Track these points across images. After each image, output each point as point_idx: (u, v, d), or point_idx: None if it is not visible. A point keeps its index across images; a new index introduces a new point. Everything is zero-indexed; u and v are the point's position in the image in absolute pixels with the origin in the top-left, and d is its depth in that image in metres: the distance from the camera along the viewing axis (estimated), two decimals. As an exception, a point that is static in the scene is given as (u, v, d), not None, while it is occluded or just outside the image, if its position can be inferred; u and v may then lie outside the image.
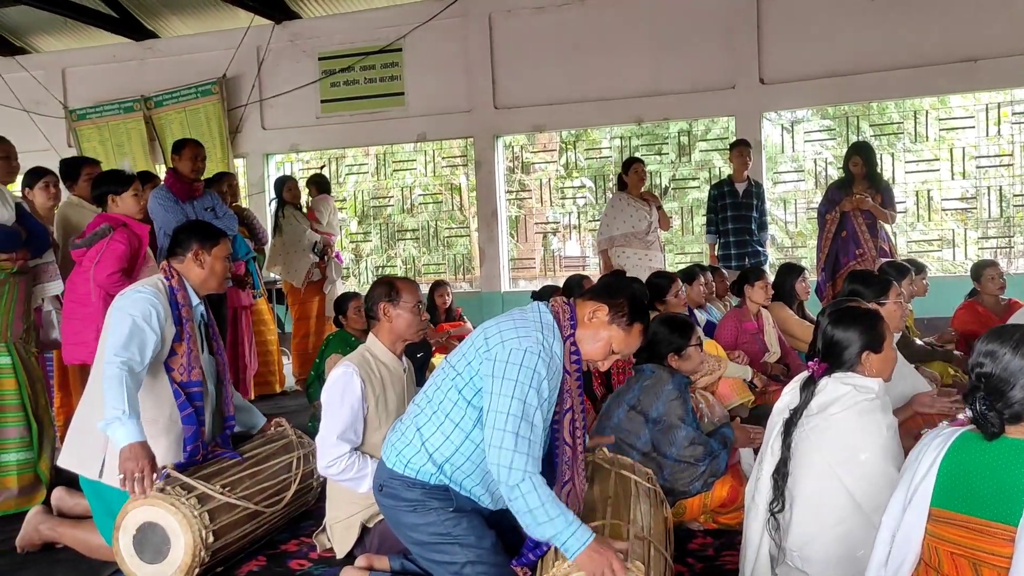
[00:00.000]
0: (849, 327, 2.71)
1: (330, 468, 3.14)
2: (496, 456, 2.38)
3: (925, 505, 2.05)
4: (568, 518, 2.33)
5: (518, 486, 2.35)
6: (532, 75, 8.92)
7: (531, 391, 2.40)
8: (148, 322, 3.14)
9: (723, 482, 3.49)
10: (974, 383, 2.05)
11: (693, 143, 10.99)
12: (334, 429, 3.13)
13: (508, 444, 2.37)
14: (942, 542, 2.02)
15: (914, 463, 2.12)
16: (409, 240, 12.81)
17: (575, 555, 2.29)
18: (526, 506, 2.34)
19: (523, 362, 2.41)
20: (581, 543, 2.29)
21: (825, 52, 8.03)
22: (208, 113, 9.82)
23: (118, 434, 2.95)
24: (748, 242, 7.29)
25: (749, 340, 5.26)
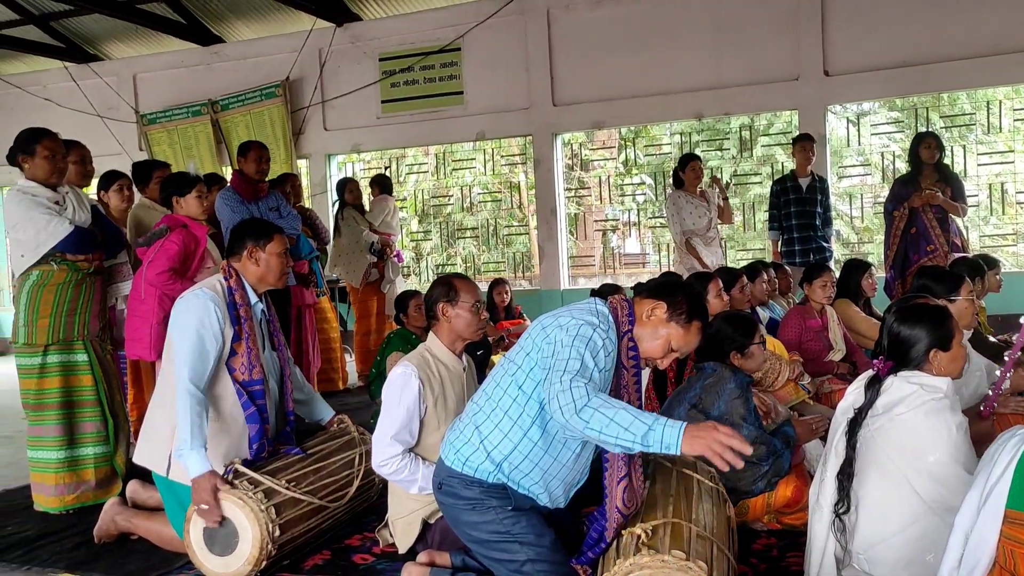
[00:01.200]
0: (916, 324, 2.64)
1: (383, 467, 3.18)
2: (558, 396, 2.29)
3: (1000, 507, 2.00)
4: (651, 415, 2.21)
5: (587, 405, 2.23)
6: (591, 71, 8.87)
7: (587, 353, 2.40)
8: (209, 330, 3.22)
9: (787, 482, 3.43)
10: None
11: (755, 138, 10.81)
12: (389, 429, 3.16)
13: (567, 377, 2.31)
14: (1018, 545, 1.97)
15: (989, 464, 2.06)
16: (469, 238, 12.88)
17: (679, 444, 2.14)
18: (605, 418, 2.20)
19: (578, 332, 2.43)
20: (677, 430, 2.16)
21: (893, 41, 7.80)
22: (272, 115, 10.03)
23: (187, 464, 3.08)
24: (812, 238, 7.15)
25: (813, 338, 5.15)
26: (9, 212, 4.15)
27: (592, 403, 2.24)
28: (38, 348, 4.18)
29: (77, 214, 4.24)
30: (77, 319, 4.25)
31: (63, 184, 4.27)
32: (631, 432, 2.18)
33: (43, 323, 4.16)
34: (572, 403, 2.25)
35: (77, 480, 4.23)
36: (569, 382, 2.30)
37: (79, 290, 4.25)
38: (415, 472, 3.16)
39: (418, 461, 3.18)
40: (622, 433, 2.18)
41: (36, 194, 4.13)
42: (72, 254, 4.20)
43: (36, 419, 4.23)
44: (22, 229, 4.11)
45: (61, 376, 4.21)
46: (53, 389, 4.20)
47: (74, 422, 4.24)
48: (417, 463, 3.17)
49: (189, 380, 3.14)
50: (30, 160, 4.13)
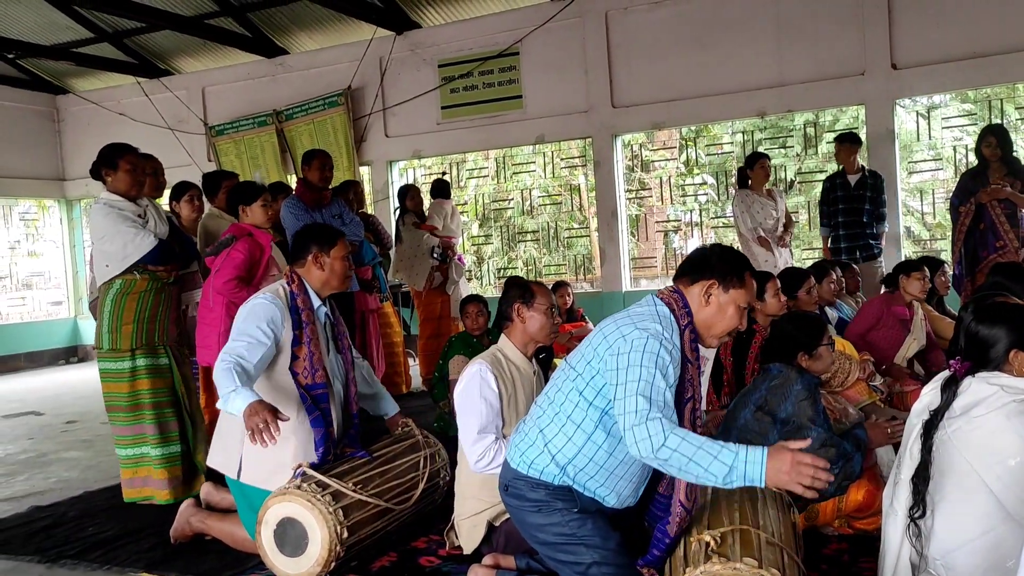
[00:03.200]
0: (995, 323, 2.55)
1: (480, 462, 3.13)
2: (632, 433, 2.30)
3: None
4: (731, 448, 2.21)
5: (664, 445, 2.25)
6: (650, 72, 8.81)
7: (656, 373, 2.37)
8: (266, 327, 3.29)
9: (858, 486, 3.35)
10: None
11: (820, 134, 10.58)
12: (475, 425, 3.15)
13: (642, 408, 2.30)
14: None
15: None
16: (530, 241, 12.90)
17: (762, 478, 2.15)
18: (684, 458, 2.22)
19: (646, 348, 2.39)
20: (759, 463, 2.16)
21: (963, 31, 7.56)
22: (335, 123, 10.20)
23: (235, 405, 3.03)
24: (860, 235, 7.01)
25: (893, 323, 4.96)
26: (97, 224, 4.34)
27: (670, 442, 2.25)
28: (124, 353, 4.38)
29: (158, 227, 4.43)
30: (158, 325, 4.45)
31: (143, 197, 4.44)
32: (711, 473, 2.20)
33: (127, 329, 4.36)
34: (648, 439, 2.26)
35: (175, 475, 4.43)
36: (645, 415, 2.29)
37: (159, 298, 4.44)
38: None
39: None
40: (702, 474, 2.22)
41: (122, 208, 4.32)
42: (153, 265, 4.36)
43: (133, 419, 4.41)
44: (110, 241, 4.30)
45: (150, 378, 4.42)
46: (146, 390, 4.41)
47: (162, 422, 4.44)
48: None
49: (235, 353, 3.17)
50: (113, 174, 4.32)
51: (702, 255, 2.61)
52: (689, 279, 2.58)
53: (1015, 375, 2.52)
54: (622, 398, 2.37)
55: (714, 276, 2.54)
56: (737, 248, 6.81)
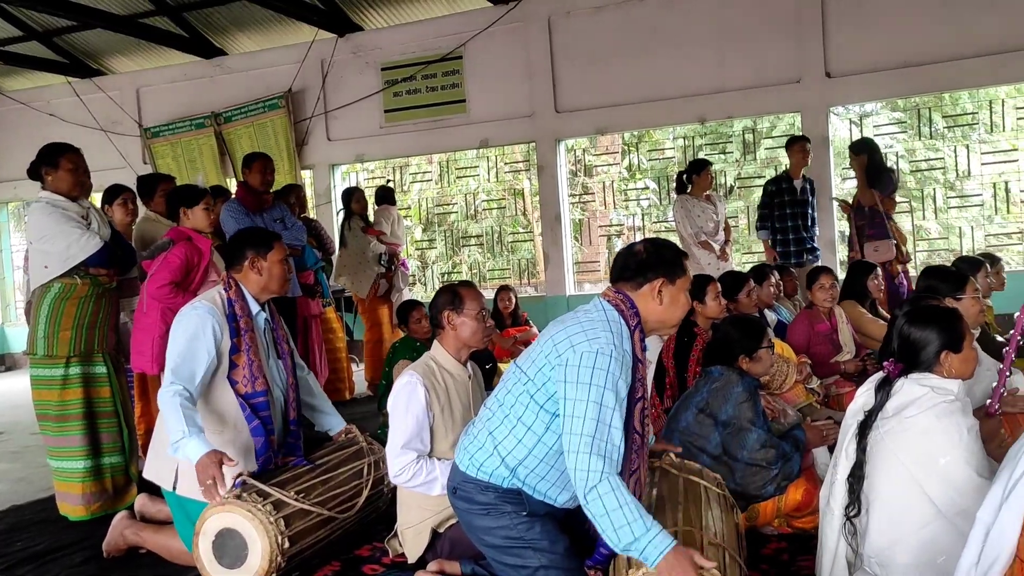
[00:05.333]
0: (927, 326, 2.63)
1: (399, 476, 3.18)
2: (574, 460, 2.35)
3: (1022, 504, 1.98)
4: (647, 523, 2.26)
5: (595, 488, 2.30)
6: (593, 77, 8.88)
7: (607, 392, 2.38)
8: (203, 341, 3.21)
9: (797, 485, 3.42)
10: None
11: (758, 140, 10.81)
12: (400, 439, 3.16)
13: (584, 447, 2.34)
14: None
15: (1013, 459, 2.05)
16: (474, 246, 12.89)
17: (655, 563, 2.22)
18: (603, 509, 2.28)
19: (596, 364, 2.39)
20: (660, 550, 2.22)
21: (894, 42, 7.79)
22: (275, 127, 10.06)
23: (188, 453, 3.03)
24: (805, 238, 7.19)
25: (822, 341, 5.14)
26: (37, 223, 4.19)
27: (601, 488, 2.30)
28: (59, 360, 4.23)
29: (101, 229, 4.29)
30: (97, 332, 4.32)
31: (83, 198, 4.32)
32: (617, 535, 2.27)
33: (65, 335, 4.21)
34: (586, 477, 2.33)
35: (100, 489, 4.29)
36: (590, 449, 2.34)
37: (99, 304, 4.31)
38: (432, 471, 3.15)
39: (434, 461, 3.17)
40: (609, 532, 2.28)
41: (65, 207, 4.19)
42: (95, 268, 4.24)
43: (59, 430, 4.27)
44: (51, 241, 4.15)
45: (83, 387, 4.28)
46: (76, 400, 4.26)
47: (95, 432, 4.30)
48: (433, 462, 3.17)
49: (176, 383, 3.12)
50: (54, 173, 4.19)
51: (639, 258, 2.60)
52: (635, 283, 2.58)
53: (945, 376, 2.60)
54: (570, 420, 2.38)
55: (661, 275, 2.55)
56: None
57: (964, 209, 11.00)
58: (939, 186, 11.28)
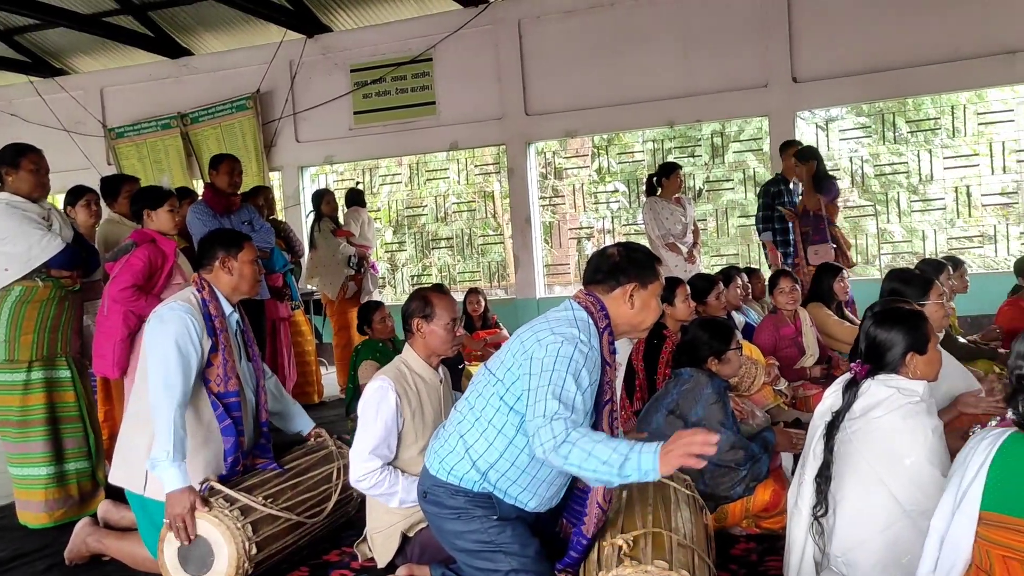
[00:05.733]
0: (893, 328, 2.67)
1: (361, 482, 3.14)
2: (538, 432, 2.31)
3: (975, 509, 2.01)
4: (627, 444, 2.23)
5: (566, 441, 2.27)
6: (563, 80, 8.91)
7: (568, 376, 2.38)
8: (188, 343, 3.17)
9: (765, 486, 3.45)
10: (1016, 385, 2.00)
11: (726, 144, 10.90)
12: (367, 444, 3.13)
13: (549, 411, 2.32)
14: (994, 546, 1.98)
15: (962, 466, 2.08)
16: (444, 248, 12.85)
17: (656, 465, 2.18)
18: (583, 453, 2.24)
19: (559, 352, 2.40)
20: (653, 453, 2.19)
21: (859, 48, 7.91)
22: (243, 128, 9.96)
23: (164, 478, 3.00)
24: None
25: (787, 345, 5.20)
26: None
27: (571, 437, 2.26)
28: (21, 364, 4.14)
29: (63, 231, 4.21)
30: (60, 335, 4.23)
31: (44, 199, 4.24)
32: (608, 465, 2.22)
33: (26, 339, 4.13)
34: (552, 439, 2.28)
35: (64, 495, 4.20)
36: (551, 416, 2.31)
37: (62, 307, 4.23)
38: (394, 485, 3.13)
39: (397, 474, 3.15)
40: (600, 467, 2.23)
41: (26, 209, 4.11)
42: (57, 270, 4.16)
43: (20, 436, 4.17)
44: (12, 243, 4.06)
45: (45, 392, 4.18)
46: (38, 405, 4.17)
47: (59, 438, 4.21)
48: (396, 476, 3.15)
49: (172, 392, 3.07)
50: (15, 173, 4.12)
51: (612, 262, 2.61)
52: (607, 287, 2.59)
53: (911, 378, 2.63)
54: (532, 403, 2.38)
55: (634, 279, 2.56)
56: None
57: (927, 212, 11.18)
58: (903, 190, 11.46)
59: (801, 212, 6.96)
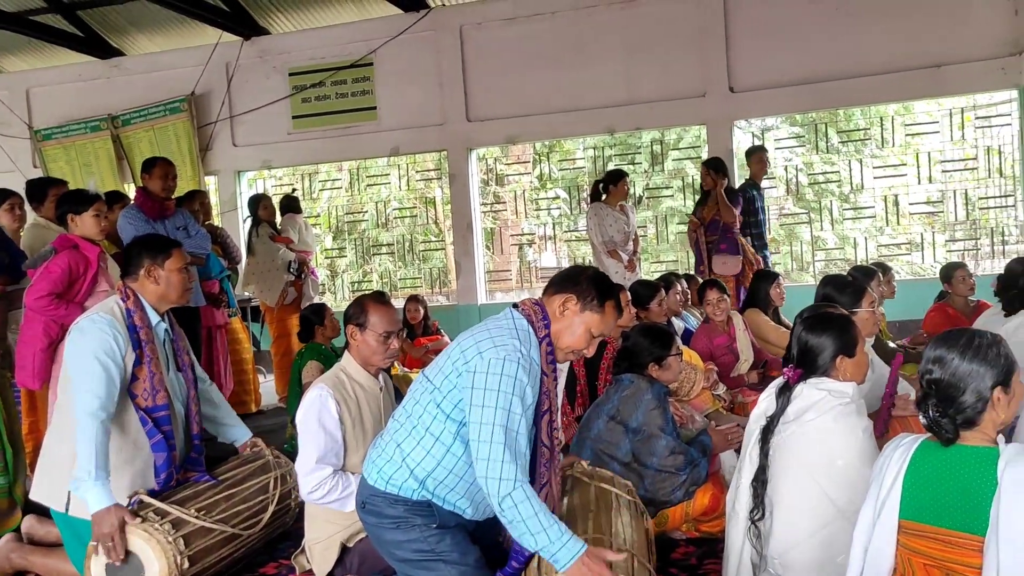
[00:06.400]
0: (822, 332, 2.73)
1: (314, 493, 3.06)
2: (485, 468, 2.35)
3: (894, 518, 2.05)
4: (560, 528, 2.30)
5: (510, 495, 2.31)
6: (504, 87, 8.93)
7: (514, 399, 2.38)
8: (111, 357, 3.06)
9: (704, 490, 3.49)
10: (925, 390, 2.05)
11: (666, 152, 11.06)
12: (313, 453, 3.06)
13: (496, 455, 2.34)
14: (915, 554, 2.02)
15: (879, 475, 2.12)
16: (384, 255, 12.76)
17: (566, 567, 2.27)
18: (519, 516, 2.31)
19: (503, 371, 2.39)
20: (573, 554, 2.27)
21: (792, 60, 8.11)
22: (177, 131, 9.73)
23: (88, 497, 2.91)
24: (765, 244, 7.48)
25: (723, 353, 5.29)
26: None
27: (516, 495, 2.32)
28: None
29: None
30: None
31: None
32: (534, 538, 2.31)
33: None
34: (498, 486, 2.33)
35: None
36: (501, 456, 2.33)
37: None
38: (348, 486, 3.06)
39: (348, 475, 3.09)
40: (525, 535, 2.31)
41: None
42: None
43: None
44: None
45: None
46: None
47: None
48: (348, 477, 3.08)
49: (95, 408, 2.97)
50: None
51: (575, 271, 2.64)
52: (554, 290, 2.60)
53: (841, 380, 2.69)
54: (478, 427, 2.37)
55: (576, 292, 2.56)
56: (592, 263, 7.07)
57: (858, 220, 11.51)
58: (835, 198, 11.78)
59: (708, 222, 7.08)
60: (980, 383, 1.97)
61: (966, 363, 1.99)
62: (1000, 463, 1.90)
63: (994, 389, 1.97)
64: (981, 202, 9.01)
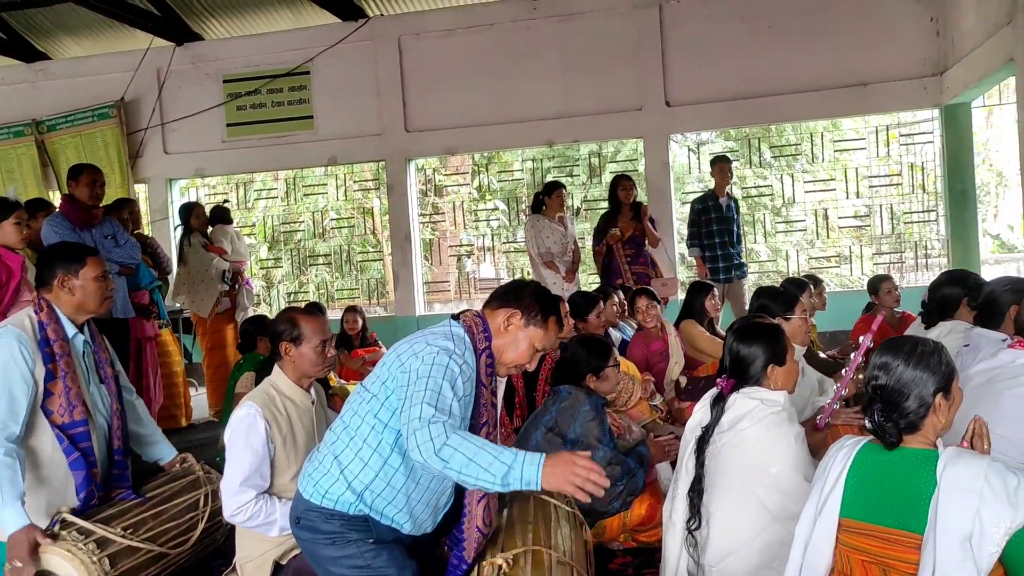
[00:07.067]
0: (754, 342, 2.78)
1: (236, 516, 2.97)
2: (415, 438, 2.24)
3: (835, 516, 2.10)
4: (511, 450, 2.19)
5: (446, 444, 2.20)
6: (443, 98, 8.92)
7: (444, 383, 2.35)
8: (15, 371, 2.94)
9: (641, 500, 3.51)
10: (871, 395, 2.11)
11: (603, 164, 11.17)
12: (238, 475, 2.96)
13: (426, 414, 2.26)
14: (853, 551, 2.07)
15: (822, 475, 2.17)
16: (321, 265, 12.60)
17: (539, 480, 2.15)
18: (465, 458, 2.18)
19: (435, 361, 2.38)
20: (537, 464, 2.16)
21: (726, 76, 8.29)
22: (106, 137, 9.46)
23: (1, 520, 2.81)
24: (732, 255, 7.43)
25: (659, 360, 5.35)
26: None
27: (451, 441, 2.21)
28: None
29: None
30: None
31: None
32: (490, 472, 2.16)
33: None
34: (430, 441, 2.21)
35: None
36: (428, 419, 2.25)
37: None
38: (272, 513, 2.98)
39: (273, 501, 3.01)
40: (482, 473, 2.17)
41: None
42: None
43: None
44: None
45: None
46: None
47: None
48: (273, 503, 3.00)
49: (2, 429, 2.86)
50: None
51: (518, 285, 2.65)
52: (497, 304, 2.60)
53: (772, 389, 2.75)
54: (408, 408, 2.33)
55: (520, 307, 2.56)
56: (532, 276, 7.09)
57: (789, 234, 11.80)
58: (768, 212, 12.06)
59: (629, 237, 7.18)
60: (923, 389, 2.04)
61: (910, 370, 2.06)
62: (939, 464, 1.97)
63: (936, 395, 2.05)
64: (906, 216, 9.34)
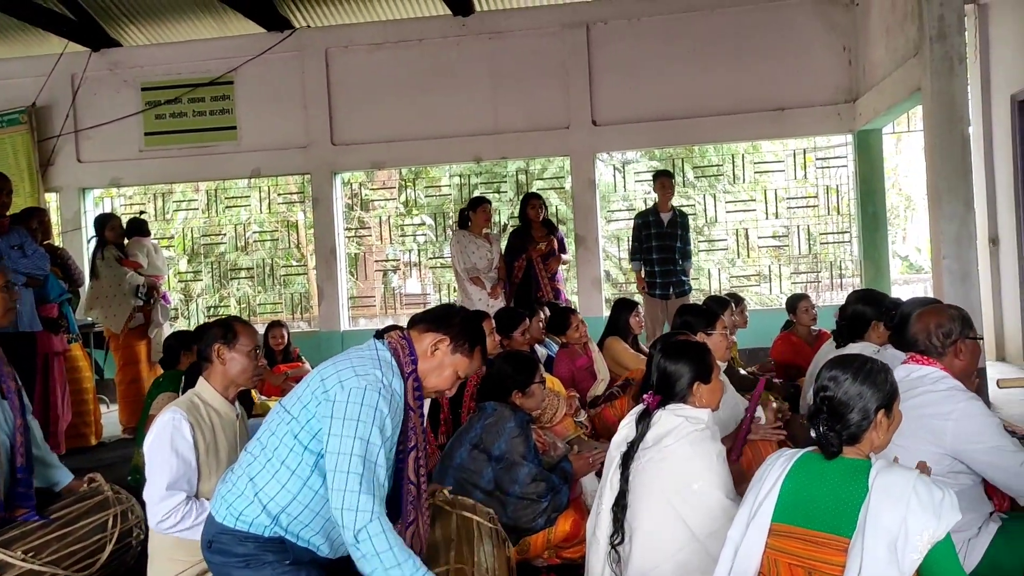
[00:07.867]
0: (679, 360, 2.81)
1: (164, 522, 2.87)
2: (340, 499, 2.27)
3: (767, 521, 2.16)
4: (415, 563, 2.26)
5: (365, 528, 2.25)
6: (371, 112, 8.86)
7: (374, 429, 2.32)
8: None
9: (565, 516, 3.51)
10: (818, 406, 2.18)
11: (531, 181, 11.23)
12: (163, 479, 2.87)
13: (353, 485, 2.27)
14: (781, 554, 2.13)
15: (759, 482, 2.23)
16: (244, 279, 12.32)
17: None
18: (373, 550, 2.24)
19: (364, 400, 2.33)
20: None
21: (651, 97, 8.47)
22: (15, 144, 9.08)
23: None
24: (673, 271, 7.43)
25: (585, 376, 5.39)
26: None
27: (371, 528, 2.26)
28: None
29: None
30: None
31: None
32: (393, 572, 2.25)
33: None
34: (354, 518, 2.27)
35: None
36: (358, 487, 2.27)
37: None
38: (203, 512, 2.86)
39: (202, 502, 2.91)
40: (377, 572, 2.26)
41: None
42: None
43: None
44: None
45: None
46: None
47: None
48: (203, 504, 2.90)
49: None
50: None
51: (448, 311, 2.63)
52: (424, 327, 2.56)
53: (697, 406, 2.78)
54: (335, 457, 2.31)
55: (449, 334, 2.54)
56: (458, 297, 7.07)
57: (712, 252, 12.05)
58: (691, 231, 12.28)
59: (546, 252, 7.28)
60: (867, 404, 2.14)
61: (857, 384, 2.15)
62: (872, 472, 2.07)
63: (878, 412, 2.15)
64: (822, 237, 9.64)
